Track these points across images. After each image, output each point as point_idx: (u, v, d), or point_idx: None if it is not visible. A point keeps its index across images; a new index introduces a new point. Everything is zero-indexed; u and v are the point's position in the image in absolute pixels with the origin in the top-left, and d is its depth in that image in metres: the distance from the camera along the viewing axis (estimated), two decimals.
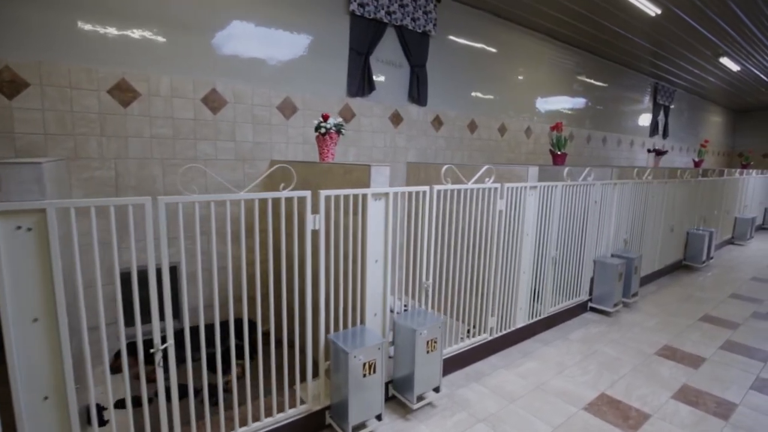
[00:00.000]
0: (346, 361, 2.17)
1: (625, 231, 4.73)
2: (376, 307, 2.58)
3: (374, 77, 4.25)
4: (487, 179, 3.08)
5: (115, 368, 2.74)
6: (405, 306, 3.88)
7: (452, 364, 3.08)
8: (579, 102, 7.05)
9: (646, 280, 5.33)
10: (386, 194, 2.49)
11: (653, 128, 9.09)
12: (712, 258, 6.50)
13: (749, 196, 8.59)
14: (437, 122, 4.90)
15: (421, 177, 4.25)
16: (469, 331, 3.27)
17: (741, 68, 8.23)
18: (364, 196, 2.39)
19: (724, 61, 7.54)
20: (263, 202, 2.22)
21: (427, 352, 2.55)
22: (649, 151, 6.88)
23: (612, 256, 4.53)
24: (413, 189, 2.65)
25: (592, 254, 4.31)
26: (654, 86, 8.92)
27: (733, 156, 13.44)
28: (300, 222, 2.22)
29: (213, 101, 3.40)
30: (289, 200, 2.12)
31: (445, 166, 2.90)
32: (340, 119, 2.98)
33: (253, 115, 3.61)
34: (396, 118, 4.52)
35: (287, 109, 3.77)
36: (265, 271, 2.33)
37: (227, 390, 2.57)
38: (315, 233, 2.24)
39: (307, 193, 2.18)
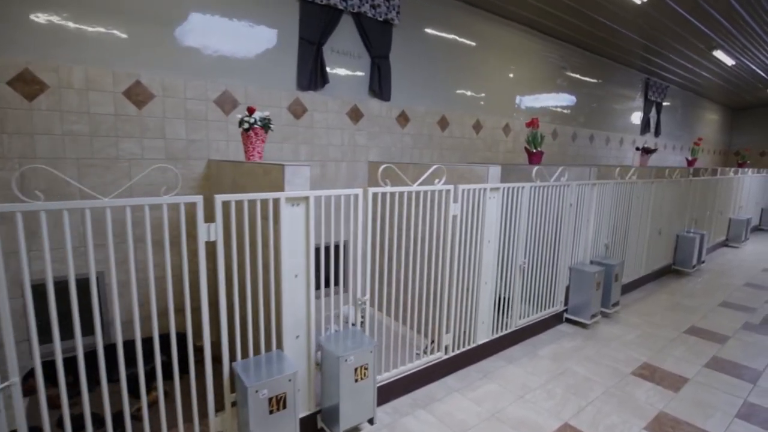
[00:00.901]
0: (246, 396, 1.83)
1: (606, 235, 4.38)
2: (298, 328, 2.23)
3: (328, 69, 3.91)
4: (437, 180, 2.73)
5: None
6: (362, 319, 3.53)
7: (400, 387, 2.73)
8: (564, 98, 6.70)
9: (631, 287, 4.97)
10: (306, 198, 2.14)
11: (644, 126, 8.73)
12: (703, 262, 6.14)
13: (744, 196, 8.22)
14: (403, 118, 4.55)
15: (388, 177, 3.88)
16: (430, 345, 2.92)
17: (736, 62, 7.87)
18: (276, 200, 2.04)
19: (718, 54, 7.18)
20: (154, 208, 1.87)
21: (356, 380, 2.20)
22: (637, 149, 6.53)
23: (591, 263, 4.18)
24: (340, 192, 2.30)
25: (569, 261, 3.96)
26: (645, 82, 8.56)
27: (730, 155, 13.07)
28: (190, 231, 1.87)
29: (137, 95, 3.06)
30: (190, 206, 1.78)
31: (383, 166, 2.55)
32: (266, 113, 2.63)
33: (187, 110, 3.26)
34: (355, 114, 4.17)
35: (227, 103, 3.43)
36: (163, 288, 1.99)
37: (136, 418, 2.22)
38: (210, 245, 1.89)
39: (198, 199, 1.83)
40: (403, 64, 4.48)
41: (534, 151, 4.47)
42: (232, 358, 2.06)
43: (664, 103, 9.44)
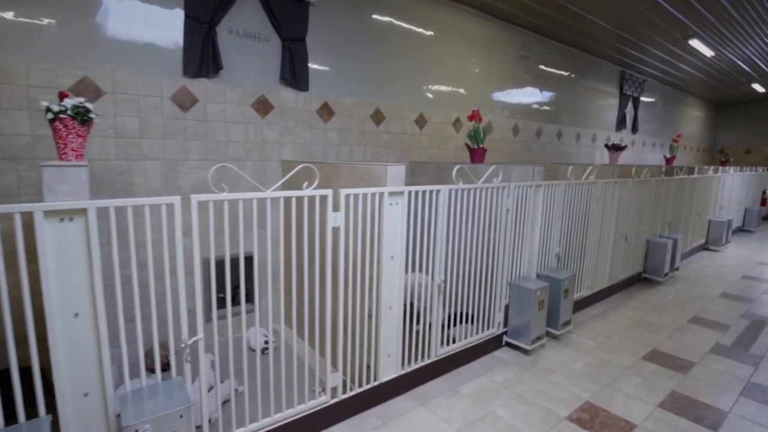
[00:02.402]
0: None
1: (558, 244, 3.82)
2: (86, 384, 1.64)
3: (224, 53, 3.32)
4: (306, 184, 2.15)
5: None
6: (265, 345, 2.96)
7: None
8: (528, 91, 6.14)
9: (591, 300, 4.42)
10: (82, 210, 1.56)
11: (620, 122, 8.19)
12: (677, 269, 5.60)
13: (726, 197, 7.71)
14: (326, 111, 3.97)
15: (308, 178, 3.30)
16: (318, 389, 2.34)
17: (715, 54, 7.35)
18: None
19: (695, 44, 6.65)
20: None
21: None
22: (606, 146, 5.99)
23: (538, 276, 3.62)
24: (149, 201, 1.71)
25: (509, 275, 3.39)
26: (620, 75, 8.02)
27: (715, 153, 12.59)
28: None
29: None
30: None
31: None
32: (81, 99, 2.04)
33: (30, 100, 2.67)
34: (263, 106, 3.59)
35: (87, 92, 2.83)
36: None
37: None
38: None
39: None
40: (325, 49, 3.90)
41: (475, 147, 3.91)
42: None
43: (642, 98, 8.92)
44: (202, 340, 1.86)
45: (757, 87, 10.22)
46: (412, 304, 3.75)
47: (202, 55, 3.21)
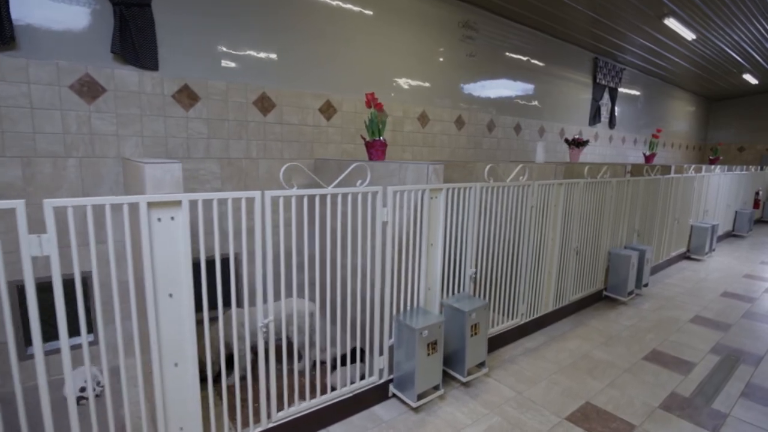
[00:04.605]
0: None
1: (473, 263, 3.02)
2: None
3: (24, 18, 2.54)
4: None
5: None
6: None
7: None
8: (475, 77, 5.33)
9: (528, 329, 3.63)
10: None
11: (594, 115, 7.36)
12: (646, 285, 4.79)
13: (711, 199, 6.89)
14: (187, 96, 3.18)
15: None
16: None
17: (698, 36, 6.53)
18: None
19: (672, 24, 5.84)
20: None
21: None
22: (566, 141, 5.18)
23: (442, 305, 2.82)
24: None
25: (396, 306, 2.60)
26: (593, 62, 7.20)
27: (707, 150, 11.75)
28: None
29: None
30: None
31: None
32: None
33: None
34: (89, 88, 2.80)
35: None
36: None
37: None
38: None
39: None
40: (184, 18, 3.11)
41: (373, 140, 3.13)
42: None
43: (621, 89, 8.09)
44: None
45: (749, 78, 9.37)
46: (288, 339, 2.99)
47: None
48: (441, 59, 4.84)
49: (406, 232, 2.64)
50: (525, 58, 5.94)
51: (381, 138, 3.11)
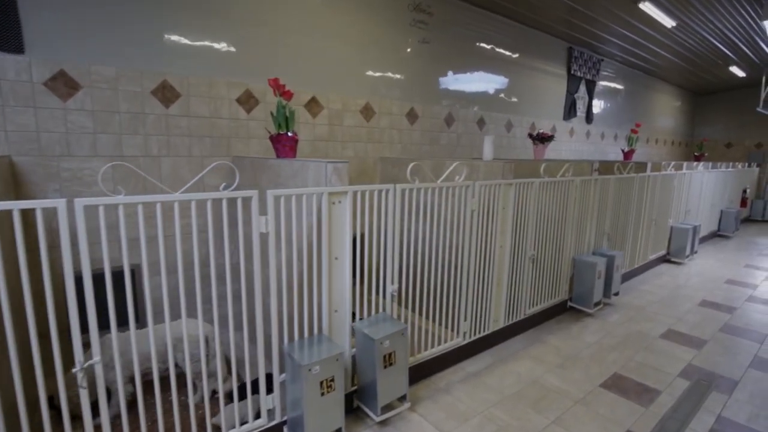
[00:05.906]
0: None
1: (394, 281, 2.56)
2: None
3: None
4: None
5: None
6: None
7: None
8: (430, 66, 4.86)
9: (476, 349, 3.18)
10: None
11: (569, 109, 6.92)
12: (617, 294, 4.36)
13: (694, 198, 6.47)
14: (65, 84, 2.68)
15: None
16: None
17: (678, 23, 6.10)
18: None
19: (648, 8, 5.41)
20: None
21: None
22: (530, 136, 4.74)
23: (356, 330, 2.37)
24: None
25: (287, 332, 2.15)
26: (568, 51, 6.75)
27: (693, 147, 11.34)
28: None
29: None
30: None
31: None
32: None
33: None
34: None
35: None
36: None
37: None
38: None
39: None
40: None
41: (279, 134, 2.67)
42: None
43: (600, 82, 7.66)
44: None
45: (736, 71, 8.97)
46: (178, 367, 2.54)
47: None
48: (388, 45, 4.38)
49: (307, 244, 2.19)
50: (489, 47, 5.49)
51: (289, 132, 2.65)
